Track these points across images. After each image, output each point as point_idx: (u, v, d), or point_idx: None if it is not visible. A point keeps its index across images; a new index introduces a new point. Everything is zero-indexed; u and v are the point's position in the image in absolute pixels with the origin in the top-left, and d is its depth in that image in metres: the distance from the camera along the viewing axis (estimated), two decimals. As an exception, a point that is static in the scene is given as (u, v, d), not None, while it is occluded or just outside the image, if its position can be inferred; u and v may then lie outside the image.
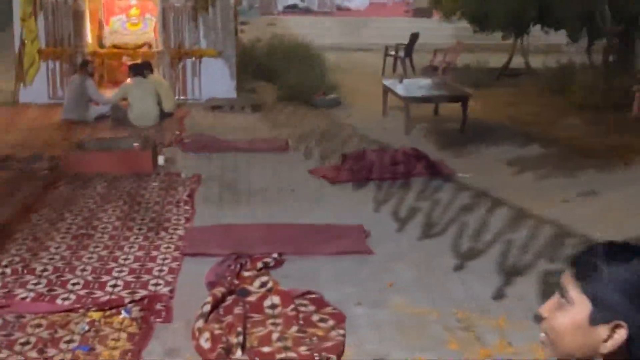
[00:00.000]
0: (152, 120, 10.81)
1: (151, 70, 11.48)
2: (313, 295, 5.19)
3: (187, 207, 7.20)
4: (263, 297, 5.12)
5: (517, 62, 15.95)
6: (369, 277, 5.57)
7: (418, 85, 11.74)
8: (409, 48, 16.43)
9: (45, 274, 5.53)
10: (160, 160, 8.68)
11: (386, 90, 11.64)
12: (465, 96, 10.78)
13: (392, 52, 16.55)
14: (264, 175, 8.40)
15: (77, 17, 12.44)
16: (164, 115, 11.13)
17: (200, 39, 12.64)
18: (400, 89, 11.13)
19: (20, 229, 6.49)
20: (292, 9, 25.53)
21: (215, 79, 12.67)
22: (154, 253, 5.99)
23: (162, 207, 7.18)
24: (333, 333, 4.66)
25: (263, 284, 5.27)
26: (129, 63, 11.83)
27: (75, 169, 8.26)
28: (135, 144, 8.53)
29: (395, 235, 6.52)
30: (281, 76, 13.58)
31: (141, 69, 11.16)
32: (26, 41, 12.14)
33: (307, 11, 24.50)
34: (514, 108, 12.50)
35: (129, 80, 11.09)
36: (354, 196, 7.72)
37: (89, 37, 12.91)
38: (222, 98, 12.49)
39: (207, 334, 4.49)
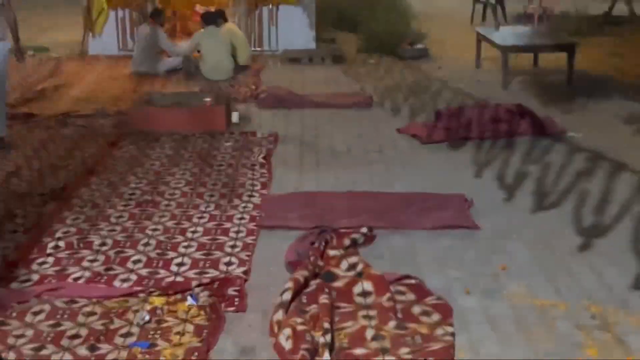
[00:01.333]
0: (225, 73, 10.04)
1: (225, 20, 10.68)
2: (412, 281, 4.35)
3: (263, 171, 6.43)
4: (352, 283, 4.32)
5: (620, 9, 14.58)
6: (477, 259, 4.70)
7: (516, 33, 10.60)
8: (501, -6, 15.19)
9: (104, 248, 4.84)
10: (235, 117, 7.91)
11: (480, 39, 10.57)
12: (572, 44, 9.61)
13: (482, -1, 15.36)
14: (347, 134, 7.56)
15: (148, -39, 11.72)
16: (238, 68, 10.36)
17: (278, -14, 11.78)
18: (496, 37, 10.04)
19: (78, 195, 5.83)
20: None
21: (293, 29, 11.78)
22: (227, 224, 5.24)
23: (236, 171, 6.43)
24: (439, 331, 3.83)
25: (352, 266, 4.46)
26: (202, 12, 11.02)
27: (141, 126, 7.57)
28: (207, 99, 7.78)
29: (503, 206, 5.61)
30: (363, 25, 12.61)
31: (214, 18, 10.36)
32: (94, -12, 11.48)
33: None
34: (620, 59, 11.29)
35: (201, 30, 10.33)
36: (451, 158, 6.81)
37: (160, -17, 12.18)
38: (300, 49, 11.63)
39: (288, 331, 3.72)
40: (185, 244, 4.92)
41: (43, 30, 14.18)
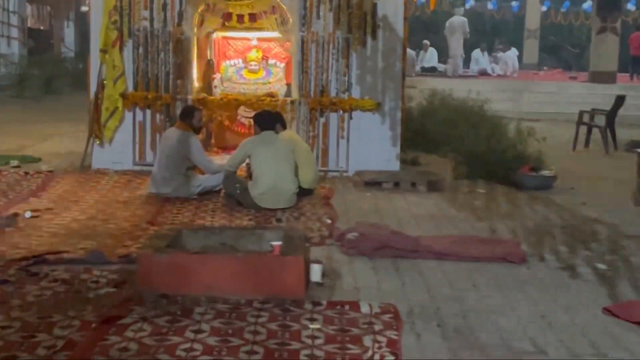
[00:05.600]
0: (286, 200, 6.93)
1: (284, 125, 7.68)
2: None
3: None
4: None
5: None
6: None
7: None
8: (612, 116, 12.28)
9: None
10: (315, 273, 4.75)
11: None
12: None
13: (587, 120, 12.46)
14: (519, 312, 4.35)
15: (180, 49, 8.74)
16: (300, 193, 7.25)
17: (352, 85, 8.77)
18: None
19: None
20: (430, 71, 21.92)
21: (370, 143, 8.71)
22: None
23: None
24: None
25: None
26: (254, 113, 7.96)
27: (161, 286, 4.40)
28: (275, 243, 4.63)
29: None
30: (452, 145, 9.61)
31: (272, 121, 7.35)
32: (106, 81, 8.46)
33: (446, 75, 20.96)
34: None
35: (253, 136, 7.31)
36: None
37: (196, 79, 9.21)
38: (378, 171, 8.57)
39: None
40: None
41: (43, 138, 11.28)
